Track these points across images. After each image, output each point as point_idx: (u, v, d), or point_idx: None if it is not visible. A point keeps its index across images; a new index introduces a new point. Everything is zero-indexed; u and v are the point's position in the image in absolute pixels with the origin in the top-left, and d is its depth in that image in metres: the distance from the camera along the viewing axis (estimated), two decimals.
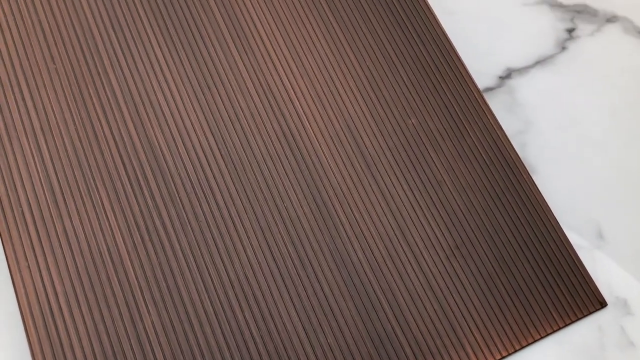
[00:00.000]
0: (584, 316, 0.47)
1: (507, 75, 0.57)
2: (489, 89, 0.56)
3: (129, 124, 0.50)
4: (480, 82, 0.56)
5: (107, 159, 0.48)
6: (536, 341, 0.46)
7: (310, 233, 0.48)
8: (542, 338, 0.46)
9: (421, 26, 0.55)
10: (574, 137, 0.54)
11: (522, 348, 0.46)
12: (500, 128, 0.52)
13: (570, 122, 0.55)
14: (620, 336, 0.47)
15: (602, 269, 0.50)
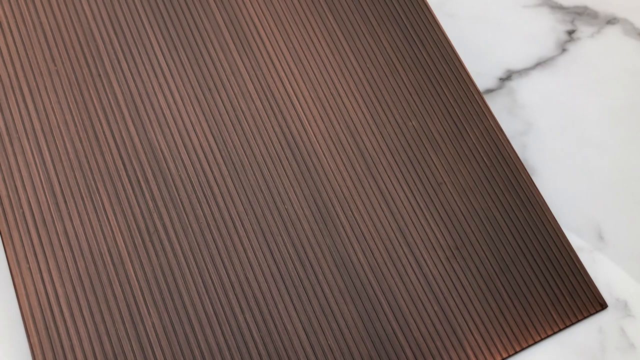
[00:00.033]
0: (584, 318, 0.47)
1: (507, 77, 0.57)
2: (489, 91, 0.56)
3: (130, 126, 0.50)
4: (481, 83, 0.56)
5: (108, 160, 0.48)
6: (536, 342, 0.46)
7: (310, 234, 0.48)
8: (542, 339, 0.46)
9: (422, 28, 0.55)
10: (574, 139, 0.54)
11: (523, 349, 0.46)
12: (501, 129, 0.52)
13: (570, 124, 0.55)
14: (621, 338, 0.47)
15: (603, 270, 0.50)
